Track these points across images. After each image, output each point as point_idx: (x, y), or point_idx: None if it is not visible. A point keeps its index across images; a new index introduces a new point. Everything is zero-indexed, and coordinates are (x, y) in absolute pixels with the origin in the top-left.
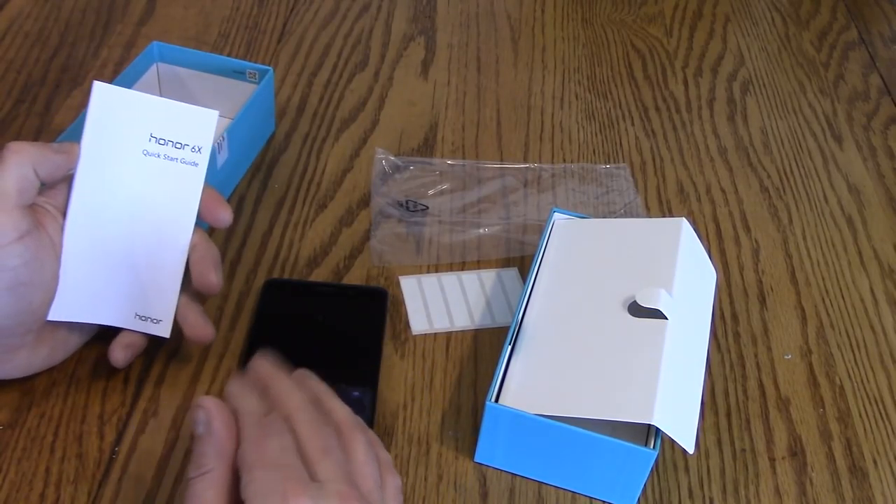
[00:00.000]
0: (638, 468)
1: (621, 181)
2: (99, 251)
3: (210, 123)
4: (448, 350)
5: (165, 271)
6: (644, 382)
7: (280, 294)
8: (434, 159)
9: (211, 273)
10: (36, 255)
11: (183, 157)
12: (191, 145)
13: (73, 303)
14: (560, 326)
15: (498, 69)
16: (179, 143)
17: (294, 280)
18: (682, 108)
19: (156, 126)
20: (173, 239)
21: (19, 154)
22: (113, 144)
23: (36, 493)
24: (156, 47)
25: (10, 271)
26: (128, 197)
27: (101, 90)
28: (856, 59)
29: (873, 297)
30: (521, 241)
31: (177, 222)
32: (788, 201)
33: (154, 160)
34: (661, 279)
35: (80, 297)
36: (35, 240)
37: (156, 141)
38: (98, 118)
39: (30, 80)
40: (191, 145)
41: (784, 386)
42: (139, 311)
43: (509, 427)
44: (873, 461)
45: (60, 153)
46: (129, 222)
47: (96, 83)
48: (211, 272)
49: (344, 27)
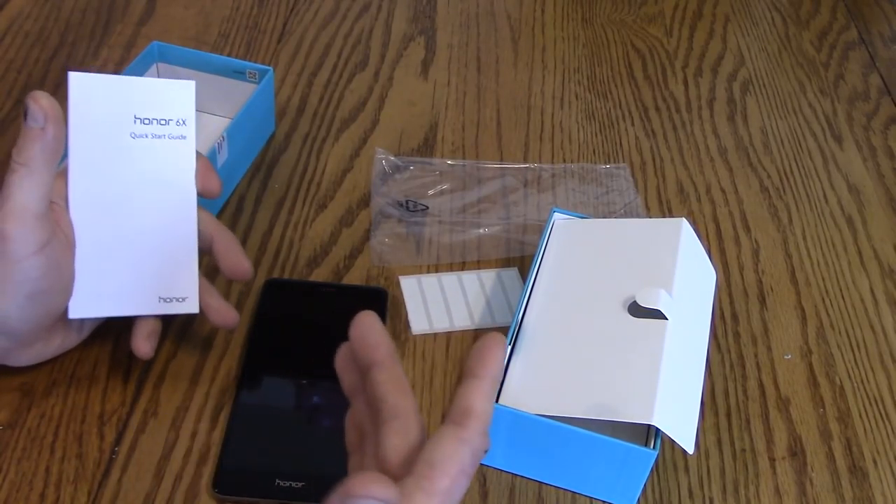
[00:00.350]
0: (638, 468)
1: (621, 181)
2: (109, 241)
3: (189, 94)
4: (448, 350)
5: (180, 247)
6: (644, 383)
7: (280, 294)
8: (434, 159)
9: (242, 260)
10: (56, 261)
11: (170, 133)
12: (175, 119)
13: (93, 297)
14: (560, 326)
15: (498, 69)
16: (164, 120)
17: (294, 280)
18: (682, 108)
19: (137, 106)
20: (180, 213)
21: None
22: (99, 132)
23: (36, 493)
24: (156, 47)
25: (31, 282)
26: (125, 182)
27: (78, 79)
28: (856, 59)
29: (873, 297)
30: (521, 241)
31: (179, 196)
32: (788, 201)
33: (143, 141)
34: (660, 279)
35: (99, 290)
36: (54, 247)
37: (140, 121)
38: (79, 108)
39: (30, 80)
40: (175, 119)
41: (784, 386)
42: (162, 294)
43: (509, 427)
44: (873, 461)
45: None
46: (131, 207)
47: (71, 73)
48: (241, 259)
49: (344, 27)
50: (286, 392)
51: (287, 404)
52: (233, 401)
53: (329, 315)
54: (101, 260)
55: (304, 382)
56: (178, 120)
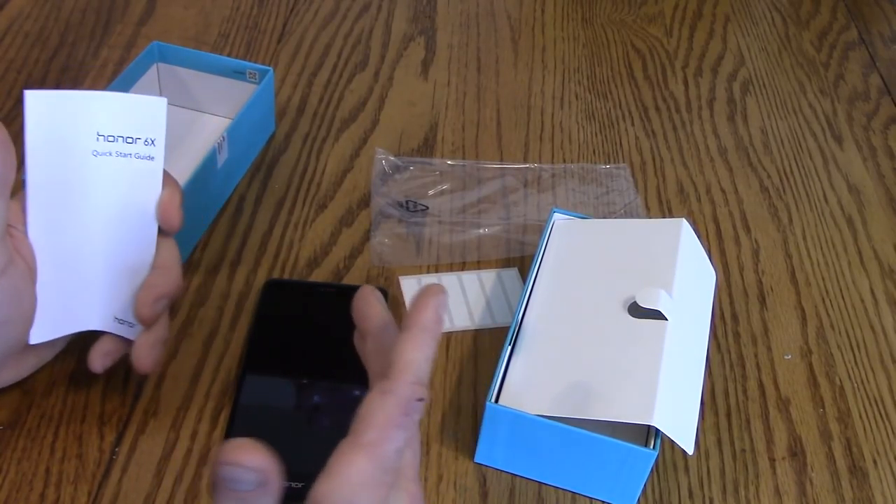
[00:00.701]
0: (638, 468)
1: (621, 181)
2: (69, 262)
3: (160, 112)
4: (448, 350)
5: (136, 273)
6: (644, 383)
7: (280, 294)
8: (434, 159)
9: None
10: (15, 289)
11: (137, 152)
12: (143, 138)
13: (52, 319)
14: (560, 327)
15: (498, 69)
16: (130, 138)
17: (294, 280)
18: (682, 108)
19: (101, 123)
20: (139, 239)
21: None
22: (58, 151)
23: (36, 493)
24: (156, 47)
25: None
26: (85, 202)
27: (35, 98)
28: (856, 59)
29: (873, 297)
30: (521, 241)
31: (140, 221)
32: (788, 201)
33: (105, 159)
34: (660, 280)
35: (58, 311)
36: (12, 275)
37: (104, 139)
38: (37, 127)
39: (30, 80)
40: (143, 138)
41: (784, 386)
42: (118, 315)
43: (509, 427)
44: (873, 461)
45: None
46: (92, 227)
47: (27, 92)
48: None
49: (344, 27)
50: (286, 392)
51: (287, 404)
52: (233, 401)
53: (329, 315)
54: (60, 281)
55: (304, 382)
56: (146, 139)
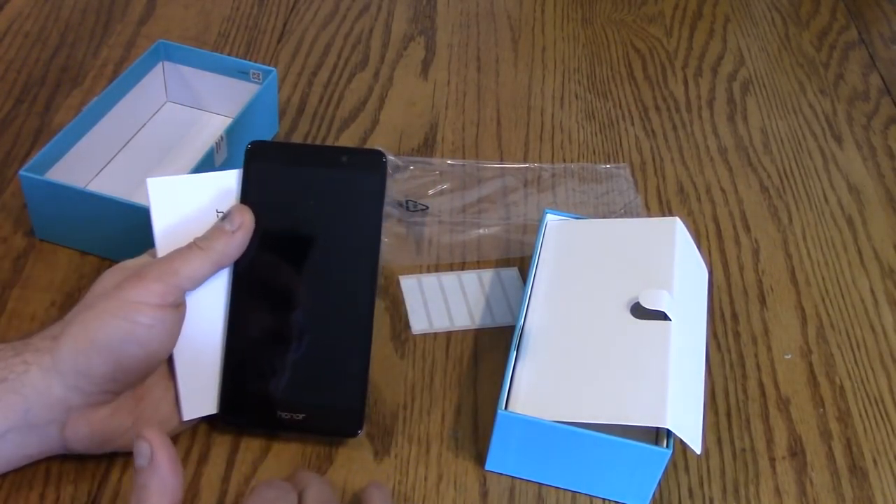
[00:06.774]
0: (652, 468)
1: (621, 181)
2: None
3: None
4: (448, 350)
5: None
6: (654, 385)
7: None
8: (434, 159)
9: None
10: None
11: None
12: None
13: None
14: (563, 330)
15: (498, 69)
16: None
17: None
18: (682, 108)
19: (219, 202)
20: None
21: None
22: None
23: (36, 493)
24: (162, 45)
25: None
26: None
27: (157, 185)
28: (856, 59)
29: (873, 297)
30: (521, 241)
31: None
32: (788, 201)
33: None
34: (660, 280)
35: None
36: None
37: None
38: (162, 214)
39: (30, 80)
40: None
41: (784, 386)
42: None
43: (522, 434)
44: (873, 461)
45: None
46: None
47: (150, 180)
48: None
49: (344, 27)
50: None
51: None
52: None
53: (323, 189)
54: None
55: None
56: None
